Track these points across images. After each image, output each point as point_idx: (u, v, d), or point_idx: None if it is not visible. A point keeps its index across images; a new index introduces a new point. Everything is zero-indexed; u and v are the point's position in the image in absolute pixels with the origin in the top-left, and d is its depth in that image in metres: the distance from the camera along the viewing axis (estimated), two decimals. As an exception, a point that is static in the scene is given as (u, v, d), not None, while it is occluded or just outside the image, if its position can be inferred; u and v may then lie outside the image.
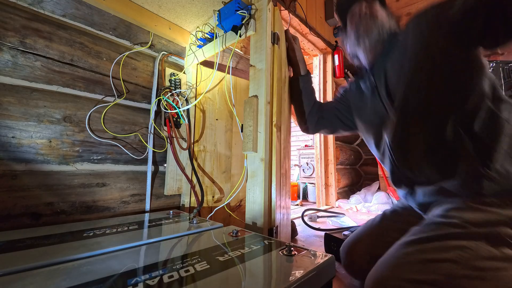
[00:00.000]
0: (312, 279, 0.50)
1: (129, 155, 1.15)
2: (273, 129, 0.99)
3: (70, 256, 0.58)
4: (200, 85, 1.38)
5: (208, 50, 1.22)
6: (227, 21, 1.05)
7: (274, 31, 1.04)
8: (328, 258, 0.57)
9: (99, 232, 0.77)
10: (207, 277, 0.47)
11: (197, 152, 1.36)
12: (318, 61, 2.77)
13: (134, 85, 1.20)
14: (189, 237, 0.75)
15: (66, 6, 1.00)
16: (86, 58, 1.05)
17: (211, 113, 1.46)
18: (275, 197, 0.96)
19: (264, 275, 0.50)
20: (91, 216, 1.02)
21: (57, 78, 0.97)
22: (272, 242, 0.69)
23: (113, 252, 0.62)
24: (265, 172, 0.93)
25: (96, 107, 1.06)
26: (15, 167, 0.86)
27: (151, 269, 0.51)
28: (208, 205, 1.38)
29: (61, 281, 0.45)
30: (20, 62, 0.89)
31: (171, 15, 1.27)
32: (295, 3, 2.07)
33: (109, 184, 1.09)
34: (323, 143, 2.67)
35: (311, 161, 3.30)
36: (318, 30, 2.45)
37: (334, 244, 1.12)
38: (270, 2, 1.01)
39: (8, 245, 0.64)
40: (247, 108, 0.98)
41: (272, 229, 0.93)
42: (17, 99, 0.88)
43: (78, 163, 1.01)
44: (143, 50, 1.23)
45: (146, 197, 1.19)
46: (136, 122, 1.20)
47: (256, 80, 1.00)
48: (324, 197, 2.64)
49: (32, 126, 0.91)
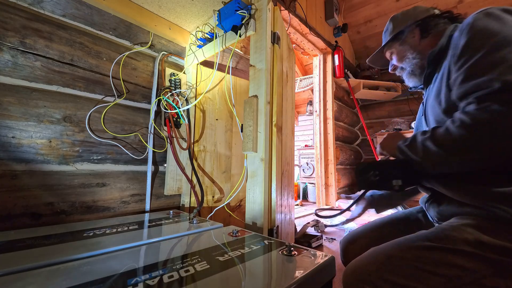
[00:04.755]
0: (312, 279, 0.50)
1: (129, 155, 1.15)
2: (273, 129, 0.99)
3: (70, 256, 0.58)
4: (200, 85, 1.38)
5: (208, 50, 1.22)
6: (227, 21, 1.05)
7: (274, 31, 1.04)
8: (328, 258, 0.57)
9: (99, 232, 0.77)
10: (207, 277, 0.47)
11: (197, 152, 1.36)
12: (318, 61, 2.77)
13: (134, 85, 1.20)
14: (189, 237, 0.75)
15: (66, 6, 1.00)
16: (86, 58, 1.05)
17: (211, 113, 1.46)
18: (275, 197, 0.96)
19: (264, 275, 0.50)
20: (91, 216, 1.02)
21: (57, 78, 0.97)
22: (272, 242, 0.69)
23: (113, 252, 0.62)
24: (265, 172, 0.93)
25: (96, 107, 1.06)
26: (15, 167, 0.86)
27: (151, 269, 0.51)
28: (208, 205, 1.38)
29: (61, 281, 0.45)
30: (20, 62, 0.89)
31: (171, 15, 1.27)
32: (295, 3, 2.07)
33: (109, 184, 1.09)
34: (323, 143, 2.67)
35: (311, 161, 3.30)
36: (318, 30, 2.45)
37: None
38: (270, 2, 1.01)
39: (8, 245, 0.64)
40: (247, 108, 0.98)
41: (272, 229, 0.93)
42: (17, 99, 0.88)
43: (78, 163, 1.01)
44: (143, 50, 1.23)
45: (146, 197, 1.19)
46: (136, 122, 1.20)
47: (256, 80, 1.00)
48: (324, 197, 2.64)
49: (32, 126, 0.91)
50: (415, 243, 0.59)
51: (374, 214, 2.21)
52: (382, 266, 0.56)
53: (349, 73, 2.93)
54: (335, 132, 2.73)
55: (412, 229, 0.79)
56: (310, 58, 2.94)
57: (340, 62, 2.64)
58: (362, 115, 3.01)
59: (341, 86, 3.00)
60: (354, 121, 3.32)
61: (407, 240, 0.61)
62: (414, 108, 3.00)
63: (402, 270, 0.54)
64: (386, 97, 3.12)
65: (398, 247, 0.60)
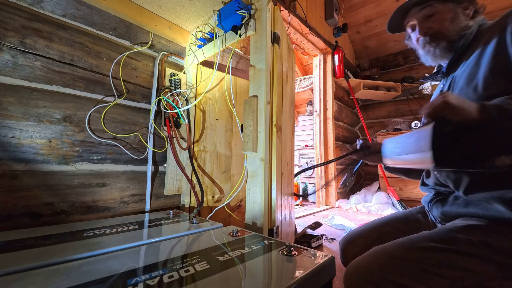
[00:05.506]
0: (312, 279, 0.50)
1: (129, 155, 1.15)
2: (273, 129, 0.99)
3: (70, 256, 0.58)
4: (200, 85, 1.38)
5: (208, 50, 1.22)
6: (227, 21, 1.05)
7: (274, 31, 1.04)
8: (328, 258, 0.57)
9: (99, 232, 0.77)
10: (207, 277, 0.47)
11: (197, 152, 1.36)
12: (318, 61, 2.77)
13: (134, 85, 1.20)
14: (189, 237, 0.75)
15: (66, 6, 1.00)
16: (86, 58, 1.05)
17: (211, 113, 1.46)
18: (275, 197, 0.96)
19: (264, 275, 0.50)
20: (91, 216, 1.02)
21: (57, 78, 0.97)
22: (272, 242, 0.69)
23: (113, 252, 0.62)
24: (265, 172, 0.93)
25: (96, 107, 1.06)
26: (15, 167, 0.86)
27: (151, 269, 0.51)
28: (208, 205, 1.38)
29: (61, 281, 0.45)
30: (20, 62, 0.89)
31: (171, 15, 1.27)
32: (295, 3, 2.07)
33: (109, 184, 1.09)
34: (323, 143, 2.67)
35: (311, 161, 3.30)
36: (318, 30, 2.45)
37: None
38: (270, 2, 1.01)
39: (8, 245, 0.64)
40: (247, 108, 0.98)
41: (272, 229, 0.93)
42: (17, 99, 0.88)
43: (78, 163, 1.01)
44: (143, 50, 1.23)
45: (146, 197, 1.19)
46: (136, 122, 1.20)
47: (256, 80, 1.00)
48: (324, 197, 2.64)
49: (32, 126, 0.91)
50: (418, 243, 0.58)
51: (374, 214, 2.21)
52: (385, 266, 0.55)
53: (349, 73, 2.93)
54: (335, 132, 2.73)
55: (411, 230, 0.78)
56: (310, 58, 2.94)
57: (340, 62, 2.64)
58: (362, 115, 3.01)
59: (341, 86, 3.00)
60: (354, 121, 3.32)
61: (410, 241, 0.60)
62: (414, 108, 3.00)
63: (405, 271, 0.54)
64: (386, 97, 3.12)
65: (402, 247, 0.59)
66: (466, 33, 0.70)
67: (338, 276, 0.96)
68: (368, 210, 2.34)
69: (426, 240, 0.58)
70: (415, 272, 0.53)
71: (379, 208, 2.29)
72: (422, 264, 0.54)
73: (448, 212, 0.69)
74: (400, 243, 0.60)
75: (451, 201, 0.69)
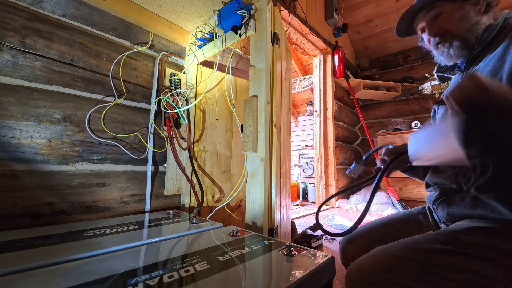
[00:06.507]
0: (312, 279, 0.50)
1: (129, 155, 1.15)
2: (273, 129, 0.99)
3: (70, 256, 0.58)
4: (200, 85, 1.38)
5: (208, 50, 1.22)
6: (227, 21, 1.05)
7: (274, 31, 1.04)
8: (328, 258, 0.57)
9: (99, 232, 0.77)
10: (207, 277, 0.47)
11: (197, 152, 1.36)
12: (318, 61, 2.77)
13: (134, 85, 1.20)
14: (189, 237, 0.75)
15: (66, 6, 1.00)
16: (86, 58, 1.05)
17: (211, 113, 1.46)
18: (275, 197, 0.96)
19: (264, 275, 0.50)
20: (91, 216, 1.02)
21: (57, 78, 0.97)
22: (272, 242, 0.69)
23: (113, 252, 0.62)
24: (265, 172, 0.93)
25: (96, 107, 1.06)
26: (15, 167, 0.86)
27: (151, 269, 0.51)
28: (208, 205, 1.38)
29: (61, 281, 0.45)
30: (20, 62, 0.89)
31: (171, 15, 1.27)
32: (295, 3, 2.07)
33: (109, 184, 1.09)
34: (323, 143, 2.67)
35: (311, 161, 3.30)
36: (318, 30, 2.45)
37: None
38: (270, 2, 1.01)
39: (8, 245, 0.64)
40: (247, 108, 0.98)
41: (272, 229, 0.93)
42: (17, 99, 0.88)
43: (78, 163, 1.01)
44: (143, 50, 1.23)
45: (146, 197, 1.19)
46: (136, 122, 1.20)
47: (256, 80, 1.00)
48: (324, 197, 2.64)
49: (32, 126, 0.91)
50: (424, 245, 0.57)
51: (374, 214, 2.21)
52: (390, 267, 0.54)
53: (349, 73, 2.93)
54: (335, 132, 2.73)
55: (412, 231, 0.77)
56: (310, 58, 2.94)
57: (340, 62, 2.64)
58: (362, 115, 3.01)
59: (341, 86, 2.99)
60: (354, 121, 3.32)
61: (415, 241, 0.59)
62: (414, 108, 3.00)
63: (410, 272, 0.53)
64: (386, 97, 3.12)
65: (407, 248, 0.57)
66: (492, 25, 0.68)
67: (338, 276, 0.96)
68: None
69: (432, 242, 0.57)
70: (421, 274, 0.52)
71: (379, 208, 2.29)
72: (427, 266, 0.53)
73: (455, 213, 0.68)
74: (405, 244, 0.59)
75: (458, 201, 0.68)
